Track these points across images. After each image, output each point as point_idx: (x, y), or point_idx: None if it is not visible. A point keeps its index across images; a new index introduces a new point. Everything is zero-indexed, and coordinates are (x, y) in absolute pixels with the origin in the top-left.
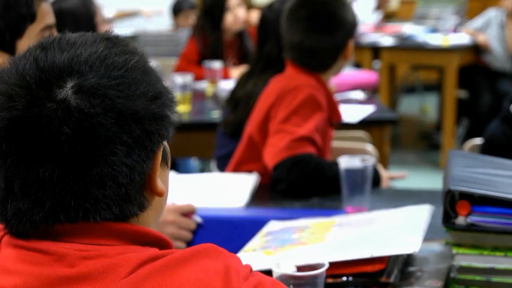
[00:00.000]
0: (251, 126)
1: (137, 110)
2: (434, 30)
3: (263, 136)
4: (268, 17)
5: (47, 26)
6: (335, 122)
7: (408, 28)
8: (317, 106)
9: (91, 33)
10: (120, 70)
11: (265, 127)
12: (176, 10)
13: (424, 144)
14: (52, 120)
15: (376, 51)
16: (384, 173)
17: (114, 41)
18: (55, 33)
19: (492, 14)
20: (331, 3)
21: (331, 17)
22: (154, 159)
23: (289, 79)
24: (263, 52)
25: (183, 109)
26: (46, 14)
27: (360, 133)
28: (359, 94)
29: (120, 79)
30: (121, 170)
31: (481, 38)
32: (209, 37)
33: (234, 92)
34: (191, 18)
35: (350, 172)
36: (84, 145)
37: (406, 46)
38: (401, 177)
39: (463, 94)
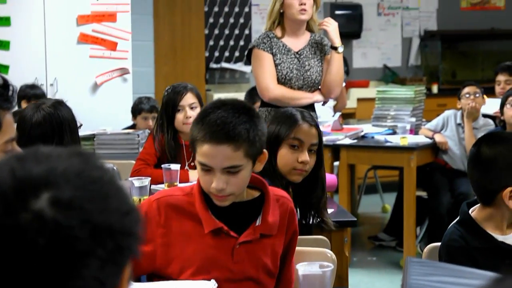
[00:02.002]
0: None
1: (111, 224)
2: (392, 130)
3: None
4: None
5: (10, 139)
6: (206, 230)
7: (367, 128)
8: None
9: (65, 148)
10: (95, 184)
11: None
12: (135, 112)
13: (385, 244)
14: (27, 231)
15: (335, 151)
16: None
17: (88, 156)
18: (15, 146)
19: (449, 115)
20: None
21: None
22: (122, 274)
23: None
24: None
25: None
26: (10, 126)
27: (319, 237)
28: None
29: (96, 193)
30: (92, 283)
31: (439, 138)
32: (166, 138)
33: None
34: (150, 121)
35: (309, 278)
36: (58, 257)
37: (365, 146)
38: None
39: (423, 193)
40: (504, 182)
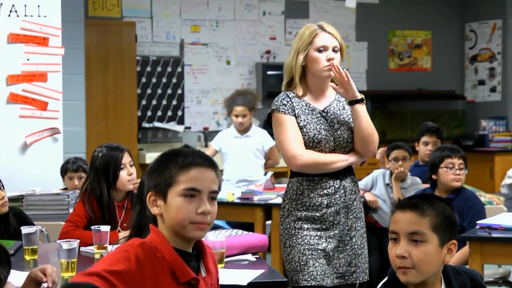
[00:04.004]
0: None
1: None
2: None
3: None
4: (143, 181)
5: None
6: (182, 280)
7: None
8: (126, 259)
9: None
10: None
11: None
12: (61, 172)
13: None
14: None
15: (267, 210)
16: None
17: None
18: None
19: (377, 175)
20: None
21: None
22: None
23: None
24: (132, 220)
25: (68, 275)
26: None
27: None
28: (249, 257)
29: None
30: None
31: (369, 197)
32: (99, 199)
33: None
34: (76, 181)
35: None
36: None
37: None
38: None
39: None
40: None
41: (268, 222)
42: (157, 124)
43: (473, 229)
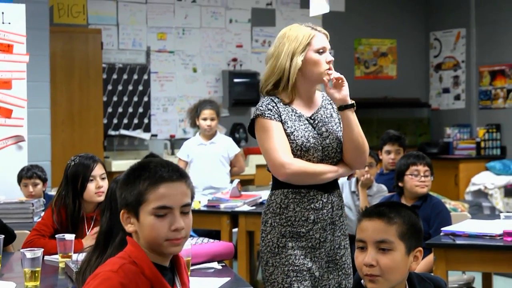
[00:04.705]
0: None
1: None
2: None
3: None
4: (112, 189)
5: None
6: None
7: (265, 195)
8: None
9: None
10: None
11: None
12: (18, 180)
13: None
14: None
15: (234, 218)
16: None
17: None
18: None
19: (343, 182)
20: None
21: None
22: None
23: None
24: (101, 226)
25: (31, 285)
26: None
27: None
28: (214, 265)
29: None
30: None
31: None
32: (71, 210)
33: (80, 270)
34: (30, 187)
35: None
36: None
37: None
38: None
39: None
40: None
41: (235, 230)
42: (123, 131)
43: (437, 236)
